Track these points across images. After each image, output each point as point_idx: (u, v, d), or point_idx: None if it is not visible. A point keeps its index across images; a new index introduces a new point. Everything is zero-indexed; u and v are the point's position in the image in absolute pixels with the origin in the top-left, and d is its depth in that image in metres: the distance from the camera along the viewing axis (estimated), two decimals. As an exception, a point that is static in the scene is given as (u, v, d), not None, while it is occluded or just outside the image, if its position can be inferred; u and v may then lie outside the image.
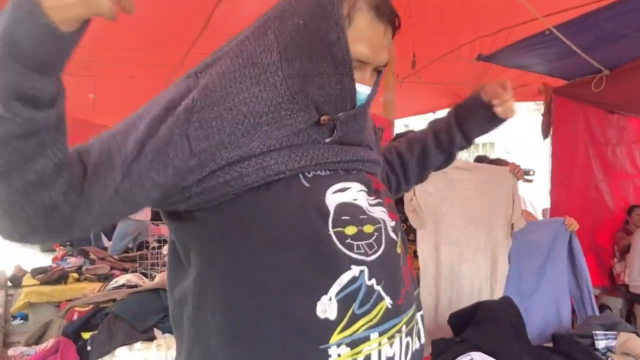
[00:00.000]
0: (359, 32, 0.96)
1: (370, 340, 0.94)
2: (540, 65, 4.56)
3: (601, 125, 5.27)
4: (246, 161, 0.92)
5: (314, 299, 0.91)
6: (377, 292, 0.96)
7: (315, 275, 0.92)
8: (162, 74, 5.37)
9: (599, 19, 3.44)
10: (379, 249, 0.99)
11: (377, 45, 0.99)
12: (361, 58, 0.98)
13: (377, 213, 1.03)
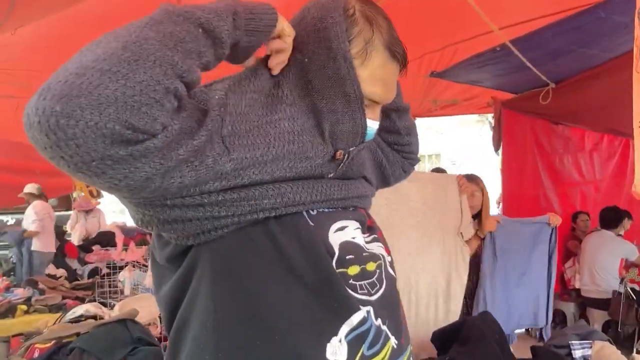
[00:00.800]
0: (374, 71, 0.95)
1: None
2: (489, 80, 4.71)
3: (548, 136, 5.49)
4: (268, 184, 0.88)
5: (324, 340, 0.87)
6: (384, 332, 0.94)
7: (324, 315, 0.88)
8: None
9: (547, 36, 3.59)
10: (381, 288, 0.97)
11: (390, 84, 0.99)
12: (374, 98, 0.97)
13: (375, 249, 1.01)
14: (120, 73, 0.68)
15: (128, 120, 0.68)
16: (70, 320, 3.43)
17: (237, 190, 0.85)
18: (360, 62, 0.93)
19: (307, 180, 0.94)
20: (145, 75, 0.70)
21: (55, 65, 1.76)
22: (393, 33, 0.97)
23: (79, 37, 3.77)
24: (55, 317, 3.96)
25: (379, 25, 0.95)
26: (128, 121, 0.68)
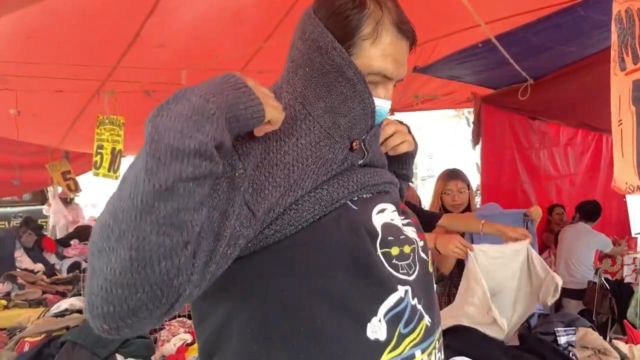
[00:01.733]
0: (385, 48, 1.01)
1: (415, 358, 0.97)
2: (470, 76, 4.79)
3: (525, 131, 5.62)
4: (302, 199, 0.94)
5: (365, 320, 0.93)
6: (419, 312, 1.00)
7: (365, 297, 0.94)
8: (91, 87, 5.19)
9: (527, 32, 3.68)
10: (416, 269, 1.04)
11: (400, 60, 1.04)
12: (387, 74, 1.03)
13: (410, 233, 1.08)
14: (137, 283, 0.73)
15: (161, 307, 0.76)
16: (55, 314, 3.43)
17: (274, 223, 0.92)
18: (372, 41, 1.00)
19: (342, 174, 1.01)
20: (160, 267, 0.73)
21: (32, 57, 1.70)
22: (401, 13, 1.04)
23: (56, 28, 3.73)
24: (37, 312, 3.94)
25: (387, 6, 1.02)
26: (161, 307, 0.76)
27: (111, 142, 5.35)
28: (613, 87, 1.73)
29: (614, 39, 1.73)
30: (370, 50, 1.00)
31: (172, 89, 3.89)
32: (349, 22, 0.99)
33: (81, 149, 7.19)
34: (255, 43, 4.25)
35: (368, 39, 1.00)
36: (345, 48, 1.00)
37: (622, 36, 1.73)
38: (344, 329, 0.91)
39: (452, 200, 3.29)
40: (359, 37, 1.00)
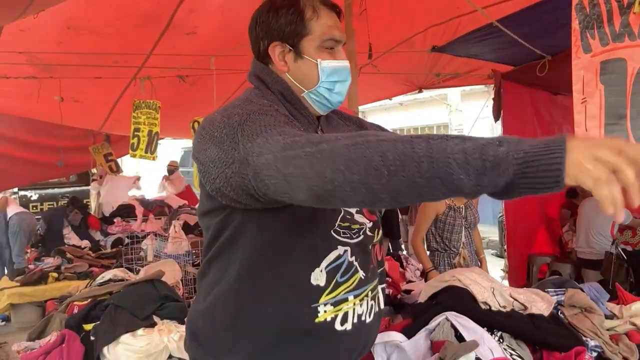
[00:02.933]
0: (326, 20, 1.33)
1: (348, 301, 1.29)
2: (489, 54, 4.89)
3: (547, 106, 5.68)
4: None
5: (310, 270, 1.26)
6: (355, 267, 1.32)
7: (313, 253, 1.27)
8: (128, 74, 5.49)
9: (539, 12, 3.78)
10: (359, 237, 1.34)
11: (338, 27, 1.36)
12: (336, 37, 1.34)
13: (359, 218, 1.37)
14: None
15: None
16: (99, 284, 3.76)
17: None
18: (316, 19, 1.32)
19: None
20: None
21: (73, 46, 1.88)
22: None
23: (93, 18, 3.98)
24: (85, 283, 4.30)
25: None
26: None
27: (148, 125, 5.66)
28: (576, 69, 1.91)
29: (574, 26, 1.91)
30: (317, 26, 1.32)
31: (203, 73, 4.18)
32: (295, 12, 1.31)
33: (121, 132, 7.57)
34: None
35: (312, 19, 1.32)
36: (300, 31, 1.32)
37: (584, 22, 1.90)
38: (295, 276, 1.25)
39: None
40: (306, 19, 1.32)
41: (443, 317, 1.97)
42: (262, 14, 1.34)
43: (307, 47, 1.33)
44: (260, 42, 1.35)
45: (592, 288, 2.41)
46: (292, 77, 1.34)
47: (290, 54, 1.34)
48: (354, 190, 0.91)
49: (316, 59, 1.32)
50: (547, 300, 2.23)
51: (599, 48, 1.92)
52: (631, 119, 1.93)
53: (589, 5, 1.93)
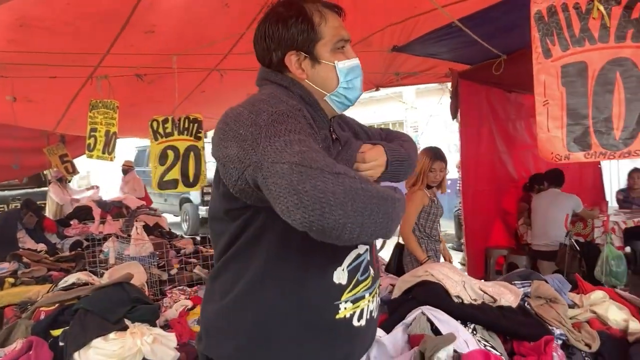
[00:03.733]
0: (333, 22, 1.40)
1: (364, 298, 1.38)
2: (446, 53, 5.02)
3: (502, 104, 5.88)
4: None
5: (332, 269, 1.33)
6: (370, 265, 1.41)
7: (335, 253, 1.33)
8: (84, 73, 5.36)
9: (496, 13, 3.91)
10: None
11: (343, 25, 1.44)
12: (344, 37, 1.42)
13: None
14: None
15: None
16: (62, 288, 3.67)
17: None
18: (324, 23, 1.39)
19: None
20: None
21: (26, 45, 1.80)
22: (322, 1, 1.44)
23: (48, 16, 3.84)
24: (45, 287, 4.18)
25: (312, 4, 1.41)
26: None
27: (105, 125, 5.55)
28: (537, 74, 2.04)
29: (534, 34, 2.03)
30: (327, 29, 1.39)
31: (163, 72, 4.11)
32: (304, 20, 1.36)
33: (76, 132, 7.37)
34: (242, 26, 4.42)
35: (321, 24, 1.38)
36: (313, 37, 1.37)
37: (543, 30, 2.02)
38: (318, 276, 1.31)
39: (435, 177, 3.89)
40: (315, 25, 1.37)
41: (419, 312, 2.03)
42: (270, 26, 1.37)
43: (322, 52, 1.38)
44: (273, 53, 1.38)
45: (555, 279, 2.53)
46: (312, 82, 1.39)
47: (306, 61, 1.38)
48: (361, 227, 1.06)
49: (333, 61, 1.38)
50: (514, 292, 2.33)
51: (559, 53, 2.03)
52: (592, 119, 2.04)
53: (547, 14, 2.04)
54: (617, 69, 2.02)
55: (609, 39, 2.04)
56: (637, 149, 2.02)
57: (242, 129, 1.18)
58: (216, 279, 1.41)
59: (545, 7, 2.03)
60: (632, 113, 2.01)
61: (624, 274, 4.50)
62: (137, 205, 7.39)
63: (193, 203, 11.78)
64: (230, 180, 1.21)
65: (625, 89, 2.02)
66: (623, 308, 2.43)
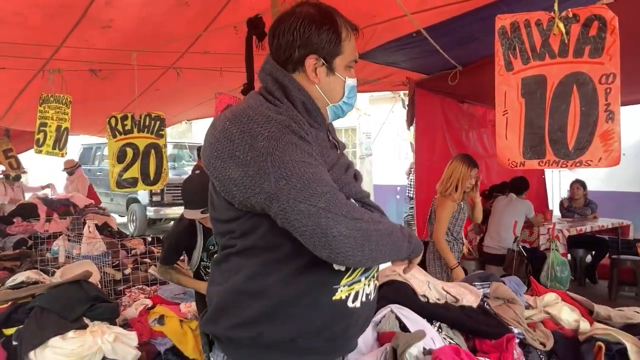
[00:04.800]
0: (353, 43, 1.47)
1: (360, 282, 1.44)
2: (406, 62, 5.15)
3: (455, 114, 6.06)
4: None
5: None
6: None
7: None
8: (36, 65, 5.19)
9: (456, 25, 4.05)
10: None
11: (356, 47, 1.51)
12: (357, 59, 1.50)
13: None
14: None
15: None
16: (10, 287, 3.54)
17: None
18: (348, 41, 1.44)
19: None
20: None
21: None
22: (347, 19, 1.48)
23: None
24: (-6, 286, 4.02)
25: (341, 16, 1.46)
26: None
27: (56, 120, 5.39)
28: (499, 85, 2.17)
29: (497, 47, 2.16)
30: (348, 47, 1.45)
31: (118, 68, 4.04)
32: (335, 32, 1.41)
33: (23, 127, 7.11)
34: (202, 24, 4.39)
35: (346, 40, 1.44)
36: (337, 50, 1.42)
37: (506, 44, 2.16)
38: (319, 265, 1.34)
39: (470, 184, 4.12)
40: (342, 40, 1.43)
41: (388, 310, 2.09)
42: (303, 24, 1.40)
43: (339, 65, 1.44)
44: (297, 50, 1.41)
45: (512, 281, 2.65)
46: (321, 89, 1.44)
47: (322, 68, 1.42)
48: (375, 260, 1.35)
49: (344, 76, 1.46)
50: (474, 293, 2.43)
51: (520, 66, 2.16)
52: (548, 129, 2.17)
53: (510, 30, 2.17)
54: (574, 82, 2.16)
55: (567, 54, 2.17)
56: (588, 159, 2.16)
57: (239, 152, 1.26)
58: (220, 264, 1.46)
59: (509, 23, 2.15)
60: (585, 125, 2.15)
61: (567, 279, 4.74)
62: (85, 203, 7.19)
63: (141, 203, 11.51)
64: (231, 198, 1.31)
65: (581, 102, 2.16)
66: (574, 309, 2.58)
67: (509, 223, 5.50)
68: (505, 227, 5.51)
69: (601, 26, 2.14)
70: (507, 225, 5.50)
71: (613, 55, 2.13)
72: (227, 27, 4.12)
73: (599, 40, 2.14)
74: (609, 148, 2.11)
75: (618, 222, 6.77)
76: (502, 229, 5.52)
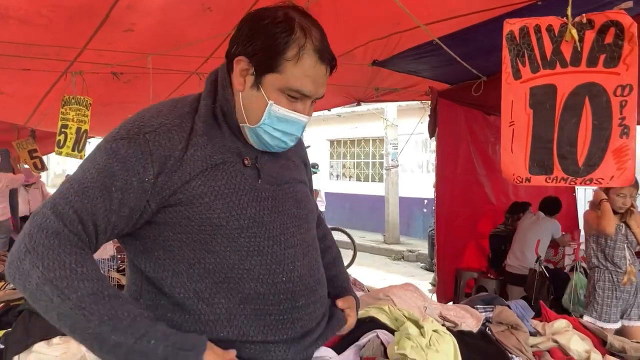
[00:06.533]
0: (305, 70, 1.21)
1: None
2: (427, 71, 5.00)
3: (480, 126, 5.86)
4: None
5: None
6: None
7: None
8: (59, 68, 5.24)
9: (477, 33, 3.89)
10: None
11: (319, 81, 1.24)
12: (305, 92, 1.23)
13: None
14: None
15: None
16: (12, 288, 3.53)
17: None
18: (294, 62, 1.19)
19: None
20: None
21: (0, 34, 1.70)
22: (324, 40, 1.24)
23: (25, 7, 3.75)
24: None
25: (311, 34, 1.21)
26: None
27: (76, 122, 5.43)
28: (505, 94, 2.00)
29: (505, 53, 1.99)
30: (292, 70, 1.20)
31: (139, 72, 4.02)
32: (276, 43, 1.18)
33: (47, 128, 7.21)
34: (223, 31, 4.36)
35: (291, 60, 1.19)
36: (270, 65, 1.19)
37: (514, 50, 1.99)
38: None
39: (623, 204, 3.82)
40: (283, 57, 1.19)
41: (374, 334, 1.96)
42: (257, 22, 1.22)
43: (268, 83, 1.22)
44: (236, 45, 1.24)
45: (519, 305, 2.48)
46: (242, 101, 1.24)
47: (250, 77, 1.23)
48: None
49: (270, 99, 1.22)
50: (476, 316, 2.27)
51: (528, 75, 2.00)
52: (557, 143, 2.01)
53: (519, 35, 2.01)
54: (586, 93, 1.98)
55: (580, 63, 2.00)
56: (599, 177, 1.99)
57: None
58: None
59: (518, 28, 2.00)
60: (597, 140, 1.98)
61: (591, 304, 4.47)
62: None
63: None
64: None
65: (593, 115, 1.99)
66: (585, 339, 2.39)
67: (531, 243, 5.26)
68: (529, 246, 5.28)
69: (618, 33, 1.96)
70: (531, 244, 5.27)
71: (630, 64, 1.95)
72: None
73: (615, 49, 1.96)
74: (622, 166, 1.94)
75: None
76: (526, 248, 5.29)
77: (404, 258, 10.93)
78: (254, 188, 1.24)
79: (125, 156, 1.13)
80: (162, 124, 1.17)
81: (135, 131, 1.16)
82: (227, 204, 1.18)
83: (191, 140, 1.18)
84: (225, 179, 1.19)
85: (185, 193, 1.15)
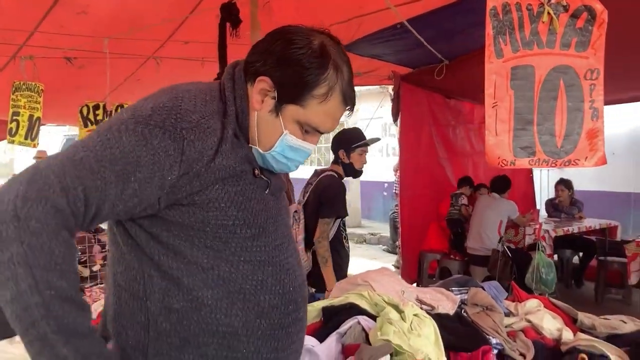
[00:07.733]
0: (328, 110, 1.18)
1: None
2: (390, 55, 4.99)
3: (441, 109, 5.92)
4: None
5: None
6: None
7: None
8: (7, 52, 4.99)
9: (440, 17, 3.89)
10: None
11: (337, 121, 1.23)
12: (322, 130, 1.22)
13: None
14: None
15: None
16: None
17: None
18: (319, 101, 1.16)
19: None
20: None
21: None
22: (351, 81, 1.21)
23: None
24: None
25: (342, 73, 1.18)
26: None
27: (29, 109, 5.19)
28: (488, 73, 1.99)
29: (488, 31, 1.98)
30: (317, 108, 1.17)
31: (93, 56, 3.85)
32: (307, 79, 1.14)
33: (-1, 116, 6.90)
34: (180, 14, 4.23)
35: (317, 98, 1.16)
36: (296, 97, 1.16)
37: (497, 28, 1.98)
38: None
39: None
40: (311, 93, 1.15)
41: (355, 321, 1.94)
42: (293, 48, 1.15)
43: (289, 113, 1.18)
44: (264, 61, 1.17)
45: (492, 287, 2.50)
46: (257, 120, 1.19)
47: (271, 101, 1.17)
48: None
49: (286, 129, 1.19)
50: (451, 299, 2.28)
51: (510, 54, 1.99)
52: (537, 125, 2.02)
53: (502, 12, 2.00)
54: (561, 76, 2.01)
55: (555, 45, 2.02)
56: (577, 158, 2.02)
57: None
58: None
59: (501, 4, 1.97)
60: (573, 122, 2.01)
61: (554, 282, 4.60)
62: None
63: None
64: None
65: (568, 97, 2.01)
66: (557, 317, 2.43)
67: (492, 223, 5.37)
68: (488, 228, 5.38)
69: (589, 18, 1.99)
70: (490, 226, 5.37)
71: (598, 50, 1.98)
72: (207, 11, 3.93)
73: (586, 33, 1.99)
74: (594, 147, 1.97)
75: (606, 223, 6.65)
76: (485, 230, 5.39)
77: (365, 241, 11.04)
78: (263, 198, 1.21)
79: (157, 148, 1.04)
80: (199, 122, 1.09)
81: (171, 122, 1.07)
82: (242, 211, 1.14)
83: (221, 147, 1.11)
84: (240, 187, 1.15)
85: (201, 196, 1.10)
